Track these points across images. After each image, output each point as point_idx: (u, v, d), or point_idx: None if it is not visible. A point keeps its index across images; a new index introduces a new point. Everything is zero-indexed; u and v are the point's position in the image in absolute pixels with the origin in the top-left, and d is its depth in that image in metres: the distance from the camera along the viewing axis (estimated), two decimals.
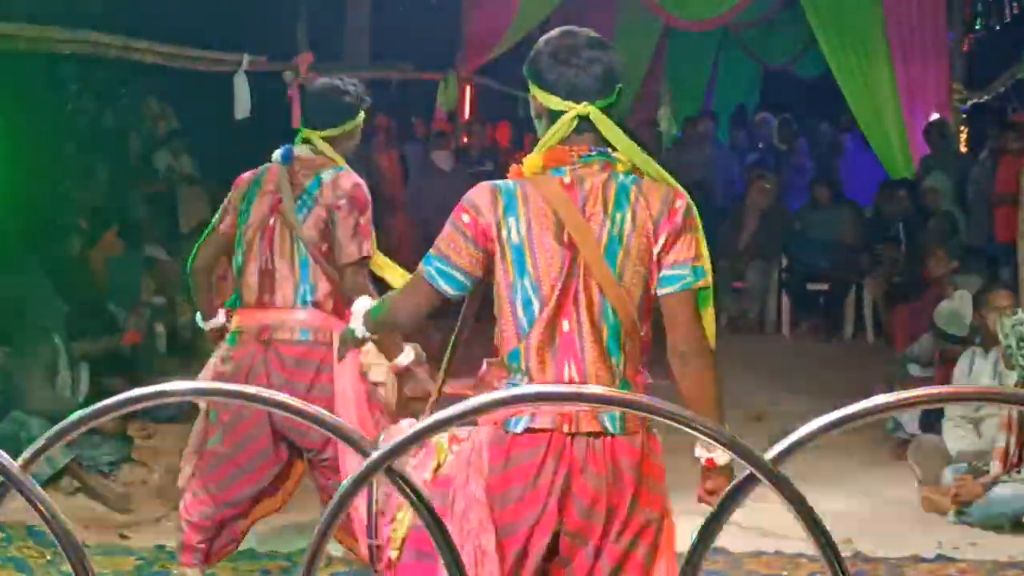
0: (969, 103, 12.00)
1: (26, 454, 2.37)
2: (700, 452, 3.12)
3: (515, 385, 3.05)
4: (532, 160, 3.10)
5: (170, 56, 8.79)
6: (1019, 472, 6.20)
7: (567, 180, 3.06)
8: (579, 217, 3.03)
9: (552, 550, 3.08)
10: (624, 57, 3.29)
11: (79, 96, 11.41)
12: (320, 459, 4.60)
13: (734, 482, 2.28)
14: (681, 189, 3.12)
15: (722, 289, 11.57)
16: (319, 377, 4.50)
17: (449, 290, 3.11)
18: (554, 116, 3.10)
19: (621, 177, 3.08)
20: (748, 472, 2.22)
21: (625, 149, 3.08)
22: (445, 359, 3.34)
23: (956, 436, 6.72)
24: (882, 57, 11.76)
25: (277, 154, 4.67)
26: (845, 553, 4.72)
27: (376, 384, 4.66)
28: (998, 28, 12.46)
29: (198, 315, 4.93)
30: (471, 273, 3.09)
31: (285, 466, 4.70)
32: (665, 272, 3.06)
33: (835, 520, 4.48)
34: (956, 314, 7.60)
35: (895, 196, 11.08)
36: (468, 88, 14.09)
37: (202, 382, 4.35)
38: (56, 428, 2.44)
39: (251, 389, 2.60)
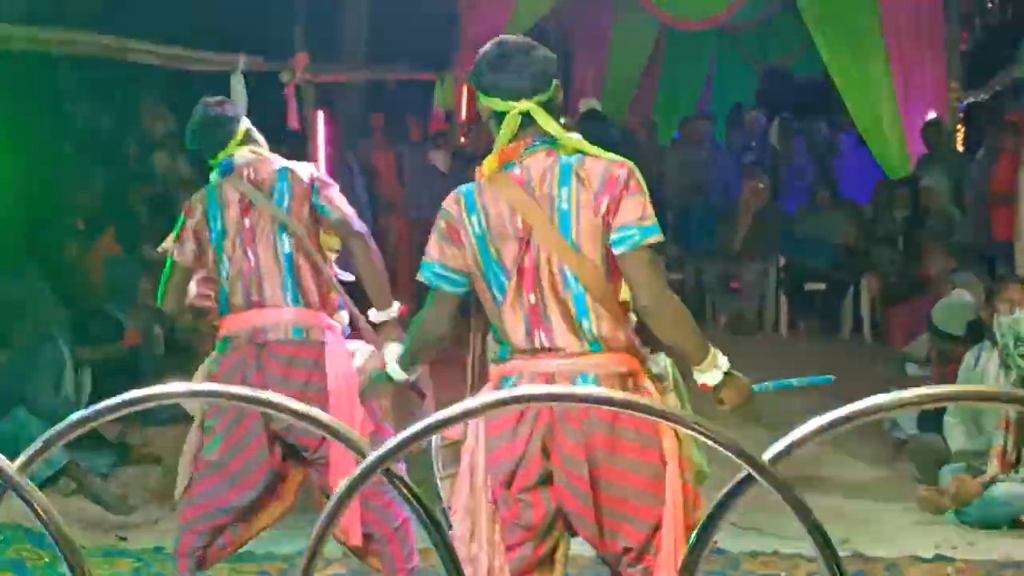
0: (966, 102, 12.00)
1: (23, 456, 2.37)
2: (697, 376, 3.49)
3: (504, 350, 3.46)
4: (489, 161, 3.47)
5: (167, 57, 8.78)
6: (1017, 472, 6.20)
7: (517, 172, 3.43)
8: (529, 201, 3.39)
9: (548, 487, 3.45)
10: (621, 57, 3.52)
11: (76, 97, 11.40)
12: (316, 457, 4.58)
13: (731, 483, 2.29)
14: (624, 160, 3.43)
15: (719, 289, 11.58)
16: (313, 375, 4.49)
17: (450, 288, 3.53)
18: (500, 117, 3.47)
19: (565, 159, 3.43)
20: (746, 472, 2.23)
21: (563, 137, 3.45)
22: (469, 367, 3.88)
23: (958, 434, 6.72)
24: (879, 57, 11.76)
25: (215, 175, 4.69)
26: (843, 553, 4.72)
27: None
28: (995, 27, 12.47)
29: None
30: (462, 270, 3.51)
31: (281, 472, 4.67)
32: (614, 236, 3.36)
33: (833, 520, 4.48)
34: (953, 313, 7.59)
35: (892, 195, 11.08)
36: (465, 88, 14.08)
37: (199, 384, 4.32)
38: (53, 430, 2.45)
39: (248, 391, 2.61)
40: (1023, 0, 11.19)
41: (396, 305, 4.68)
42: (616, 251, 3.37)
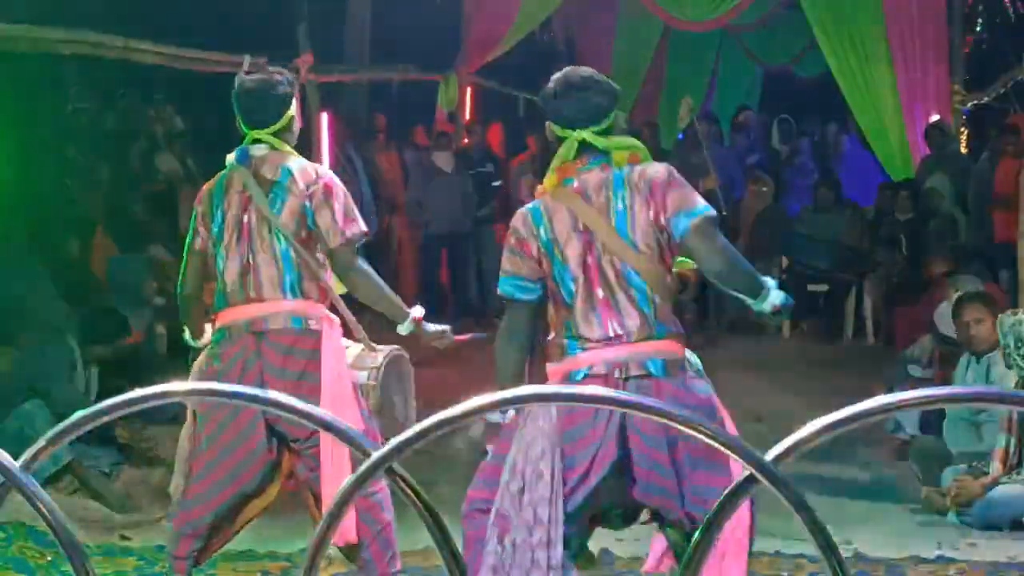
0: (969, 104, 12.00)
1: (27, 455, 2.37)
2: (757, 305, 3.88)
3: (574, 345, 3.83)
4: (549, 179, 3.94)
5: (171, 57, 8.79)
6: (1019, 473, 6.20)
7: (576, 185, 3.90)
8: (588, 208, 3.85)
9: (623, 476, 3.79)
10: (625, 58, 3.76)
11: (80, 97, 11.41)
12: (306, 448, 4.55)
13: (735, 483, 2.29)
14: (663, 164, 3.92)
15: (721, 291, 11.58)
16: (310, 365, 4.47)
17: (527, 297, 3.94)
18: (561, 141, 3.95)
19: (616, 171, 3.90)
20: (748, 472, 2.23)
21: (618, 153, 3.91)
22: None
23: (956, 437, 6.73)
24: (882, 58, 11.76)
25: (232, 157, 4.68)
26: (845, 553, 4.72)
27: (359, 387, 4.65)
28: (998, 29, 12.47)
29: (187, 333, 4.92)
30: (535, 278, 3.92)
31: (275, 463, 4.65)
32: (671, 227, 3.80)
33: (835, 520, 4.49)
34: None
35: (895, 197, 11.07)
36: (469, 89, 14.08)
37: (202, 383, 4.28)
38: (57, 428, 2.45)
39: (249, 390, 2.61)
40: None
41: (416, 308, 4.78)
42: (677, 240, 3.80)
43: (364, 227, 4.67)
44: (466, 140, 13.22)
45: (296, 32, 10.44)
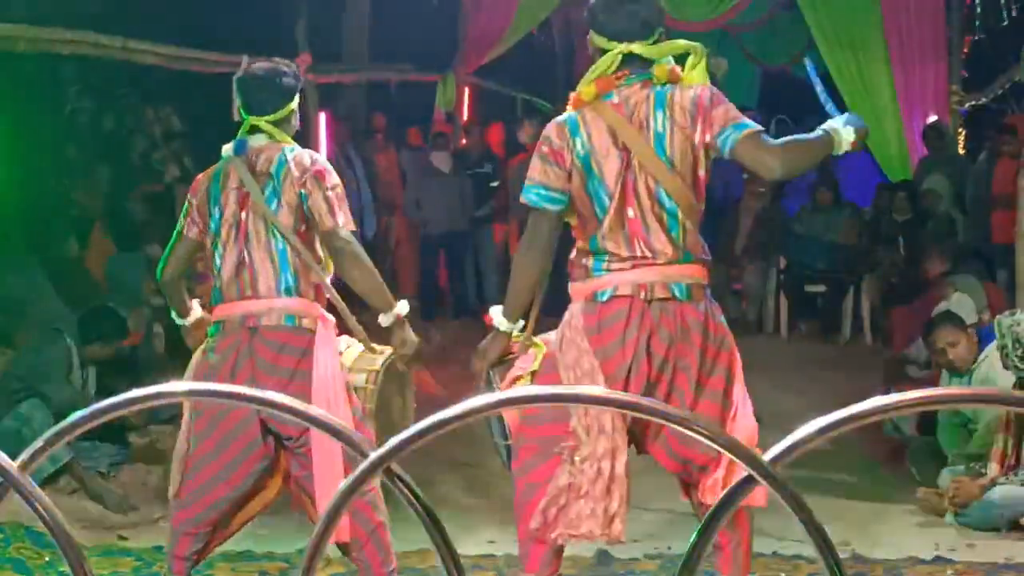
0: (967, 105, 12.01)
1: (25, 455, 2.37)
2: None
3: (599, 264, 3.84)
4: (587, 90, 3.89)
5: (170, 57, 8.79)
6: (1016, 474, 6.20)
7: (616, 100, 3.87)
8: (628, 125, 3.82)
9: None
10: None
11: (78, 97, 11.40)
12: (296, 447, 4.51)
13: (731, 485, 2.29)
14: (705, 84, 3.88)
15: (720, 291, 11.56)
16: (302, 363, 4.44)
17: (553, 207, 3.89)
18: (604, 53, 3.90)
19: (658, 88, 3.86)
20: (746, 473, 2.23)
21: (660, 71, 3.87)
22: (533, 310, 4.07)
23: (948, 440, 6.74)
24: (880, 59, 11.77)
25: (229, 148, 4.64)
26: (843, 554, 4.72)
27: (356, 389, 4.61)
28: (996, 30, 12.47)
29: (174, 314, 4.90)
30: (564, 189, 3.88)
31: (273, 460, 4.61)
32: (718, 138, 3.79)
33: (833, 521, 4.49)
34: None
35: (893, 198, 11.07)
36: (467, 89, 14.08)
37: (200, 383, 4.26)
38: (55, 429, 2.45)
39: (247, 390, 2.61)
40: None
41: (401, 303, 4.69)
42: (726, 151, 3.79)
43: (353, 224, 4.58)
44: (464, 140, 13.22)
45: (294, 32, 10.45)
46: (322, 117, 10.01)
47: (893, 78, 11.77)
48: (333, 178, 4.56)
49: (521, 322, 4.09)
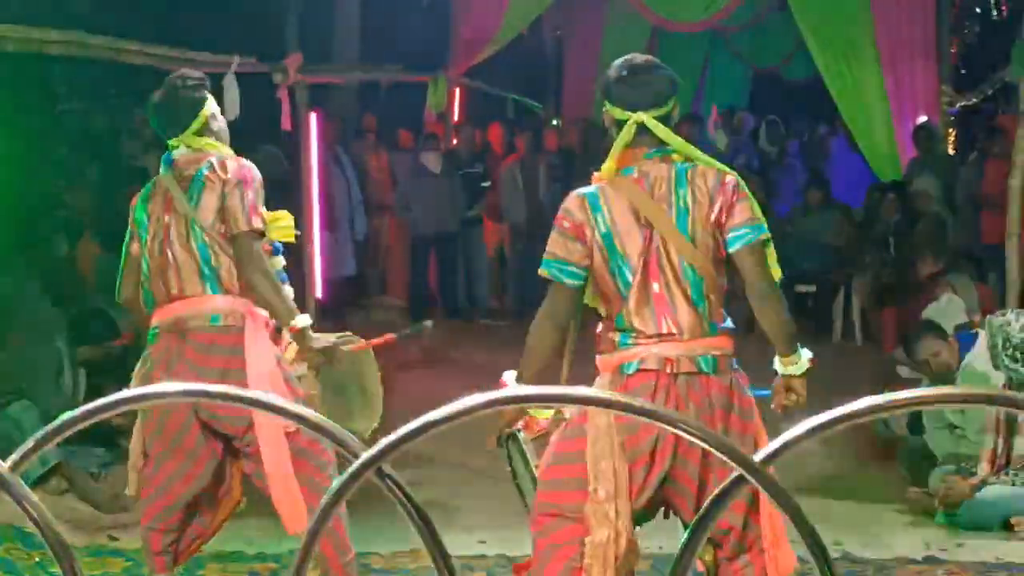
0: (957, 106, 12.03)
1: (15, 456, 2.36)
2: (781, 366, 4.01)
3: (626, 338, 3.85)
4: (607, 166, 3.92)
5: (159, 57, 8.77)
6: (1006, 473, 6.22)
7: (636, 176, 3.90)
8: (650, 201, 3.86)
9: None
10: (614, 59, 4.09)
11: (69, 98, 11.40)
12: (244, 446, 4.53)
13: (722, 484, 2.29)
14: (731, 170, 3.94)
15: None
16: (232, 362, 4.43)
17: (572, 282, 3.90)
18: (620, 125, 3.94)
19: (678, 166, 3.90)
20: (737, 473, 2.23)
21: (679, 147, 3.92)
22: (567, 352, 4.12)
23: (937, 441, 6.75)
24: (870, 60, 11.79)
25: (161, 164, 4.71)
26: (833, 554, 4.72)
27: (301, 378, 4.64)
28: (986, 31, 12.50)
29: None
30: (582, 264, 3.89)
31: (225, 460, 4.62)
32: (729, 235, 3.86)
33: (824, 521, 4.48)
34: (942, 316, 7.61)
35: (883, 198, 11.09)
36: (458, 90, 14.08)
37: (191, 384, 4.22)
38: (45, 430, 2.44)
39: (237, 390, 2.59)
40: (1014, 4, 11.20)
41: (302, 317, 4.58)
42: (732, 249, 3.87)
43: (263, 228, 4.57)
44: (455, 141, 13.23)
45: (285, 32, 10.43)
46: (312, 117, 9.98)
47: (883, 79, 11.78)
48: (256, 182, 4.58)
49: None
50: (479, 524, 6.08)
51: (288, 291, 4.66)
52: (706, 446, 2.28)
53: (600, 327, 3.98)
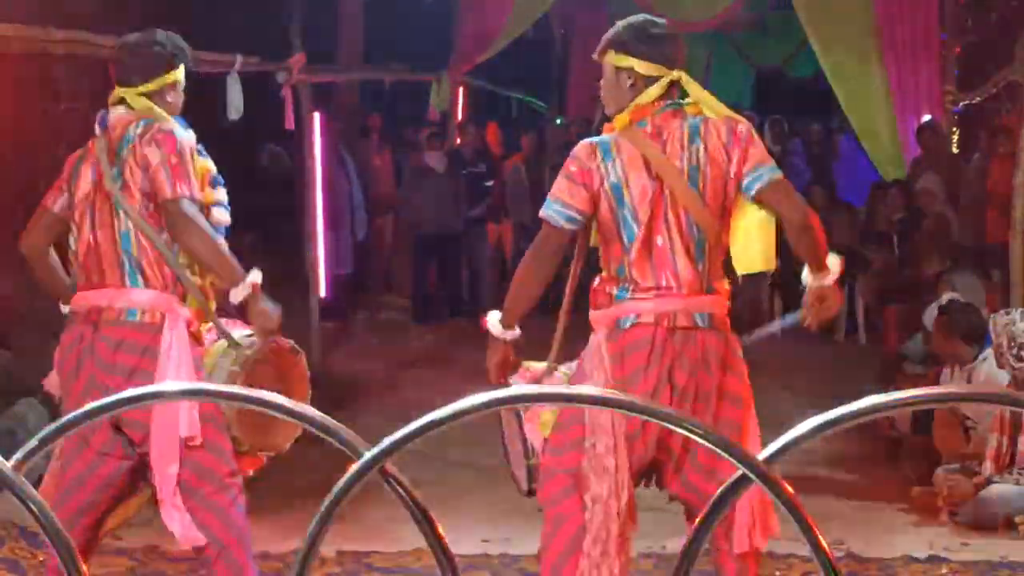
0: (961, 104, 12.01)
1: (19, 455, 2.37)
2: (813, 281, 4.10)
3: (624, 292, 3.84)
4: (621, 118, 3.90)
5: None
6: (1011, 472, 6.21)
7: (649, 129, 3.88)
8: (662, 156, 3.83)
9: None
10: None
11: (71, 97, 11.39)
12: (144, 452, 4.24)
13: (726, 483, 2.29)
14: (740, 117, 3.94)
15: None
16: (143, 362, 4.12)
17: (569, 226, 3.87)
18: (649, 81, 3.92)
19: (691, 119, 3.90)
20: (741, 473, 2.23)
21: (705, 100, 3.92)
22: (564, 306, 4.07)
23: (944, 438, 6.75)
24: (874, 58, 11.77)
25: (96, 124, 4.35)
26: (837, 553, 4.72)
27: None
28: (991, 29, 12.48)
29: (60, 303, 4.49)
30: (583, 211, 3.87)
31: (130, 463, 4.31)
32: (748, 178, 3.85)
33: (827, 520, 4.49)
34: None
35: (887, 197, 11.08)
36: (461, 89, 14.08)
37: (194, 383, 4.06)
38: (49, 428, 2.45)
39: (239, 390, 2.59)
40: (1018, 2, 11.18)
41: (253, 273, 4.22)
42: (755, 190, 3.85)
43: (199, 195, 4.20)
44: (458, 140, 13.23)
45: (289, 32, 10.43)
46: (316, 117, 9.99)
47: (887, 78, 11.76)
48: (184, 147, 4.20)
49: (517, 330, 4.04)
50: (482, 523, 6.08)
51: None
52: (709, 445, 2.28)
53: (596, 282, 3.97)
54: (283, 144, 12.54)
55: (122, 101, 4.33)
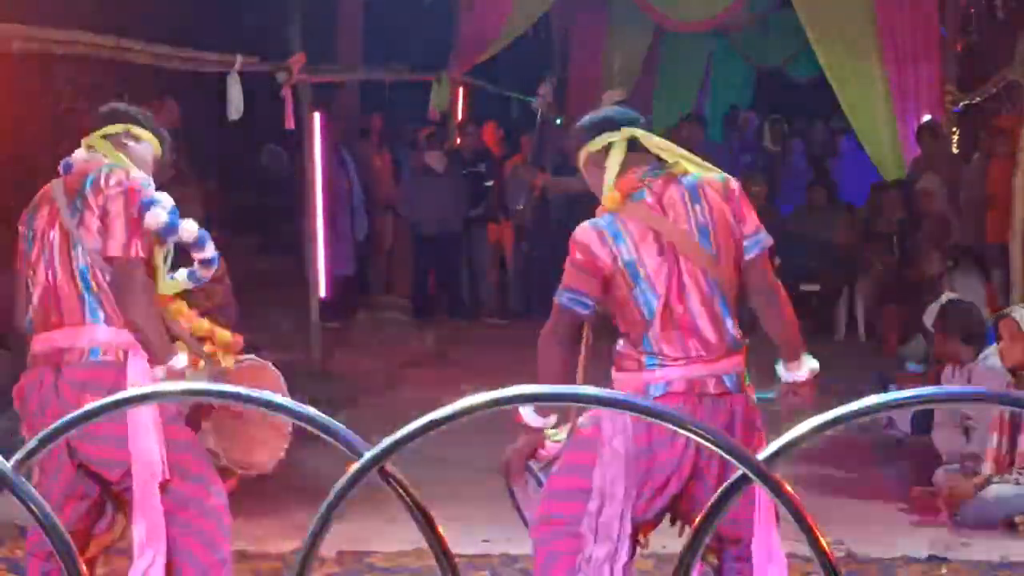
0: (961, 104, 12.01)
1: (19, 455, 2.37)
2: (785, 372, 4.04)
3: (652, 361, 3.83)
4: (611, 196, 3.87)
5: (164, 57, 8.77)
6: (1011, 473, 6.21)
7: (650, 200, 3.86)
8: (670, 224, 3.83)
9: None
10: (617, 58, 3.82)
11: (72, 97, 11.39)
12: (122, 490, 4.22)
13: (726, 484, 2.29)
14: (727, 175, 3.97)
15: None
16: None
17: (584, 312, 3.87)
18: (605, 152, 3.93)
19: (686, 181, 3.89)
20: (740, 473, 2.23)
21: (675, 156, 3.92)
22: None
23: (944, 439, 6.75)
24: (875, 58, 11.78)
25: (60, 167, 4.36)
26: (837, 554, 4.72)
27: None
28: (991, 30, 12.48)
29: None
30: (593, 295, 3.86)
31: (99, 500, 4.29)
32: (748, 242, 3.90)
33: (827, 520, 4.48)
34: None
35: (887, 197, 11.09)
36: (461, 89, 14.08)
37: (194, 383, 4.00)
38: (49, 429, 2.45)
39: (240, 390, 2.59)
40: (1019, 2, 11.18)
41: (178, 358, 4.17)
42: (749, 255, 3.91)
43: (143, 254, 4.12)
44: (458, 140, 13.23)
45: (288, 32, 10.44)
46: (316, 118, 9.99)
47: (887, 77, 11.78)
48: (142, 199, 4.15)
49: (553, 417, 4.02)
50: (482, 523, 6.07)
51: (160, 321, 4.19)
52: (712, 447, 2.28)
53: (619, 344, 3.94)
54: (283, 144, 12.54)
55: (90, 145, 4.33)
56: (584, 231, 3.88)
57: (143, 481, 4.10)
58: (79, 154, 4.32)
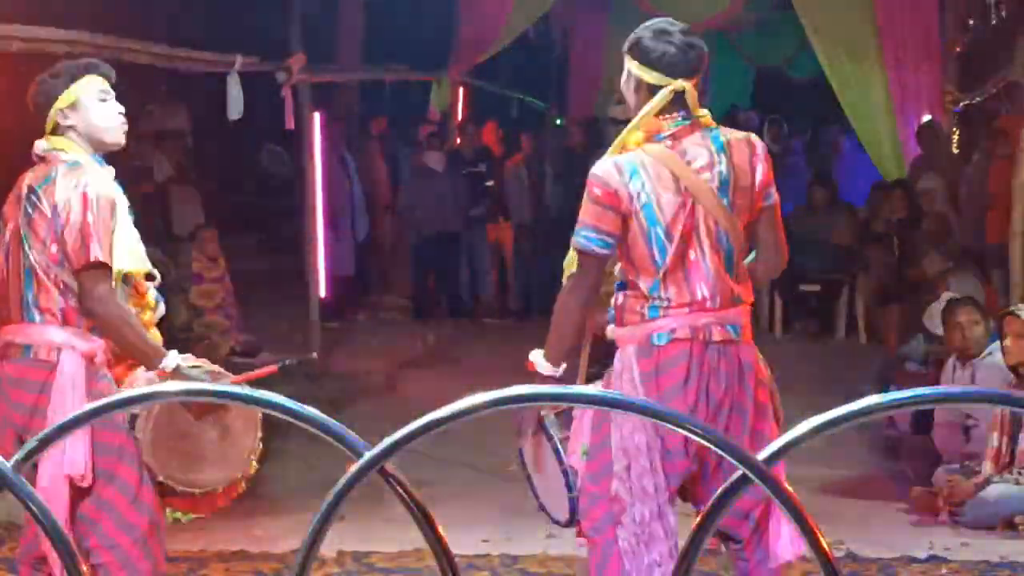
0: (961, 104, 12.01)
1: (19, 455, 2.37)
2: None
3: (655, 308, 3.79)
4: (637, 135, 3.81)
5: (164, 57, 8.78)
6: (1011, 472, 6.21)
7: (670, 144, 3.80)
8: (691, 171, 3.78)
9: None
10: (617, 58, 3.95)
11: None
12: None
13: (725, 484, 2.29)
14: (752, 134, 3.96)
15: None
16: (40, 399, 3.96)
17: (602, 251, 3.80)
18: (653, 90, 3.81)
19: (712, 133, 3.85)
20: (740, 473, 2.23)
21: (700, 114, 3.85)
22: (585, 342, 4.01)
23: (944, 438, 6.75)
24: (875, 59, 11.78)
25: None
26: (837, 554, 4.72)
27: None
28: (991, 30, 12.48)
29: None
30: (614, 233, 3.78)
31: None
32: (764, 192, 3.88)
33: (827, 520, 4.48)
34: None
35: (887, 197, 11.09)
36: (461, 89, 14.08)
37: (193, 383, 3.87)
38: (49, 430, 2.45)
39: (242, 390, 2.59)
40: (1018, 3, 11.18)
41: (169, 357, 4.10)
42: (764, 204, 3.89)
43: (104, 258, 4.01)
44: (458, 140, 13.24)
45: (288, 32, 10.44)
46: (316, 117, 9.99)
47: (887, 78, 11.77)
48: (100, 206, 4.07)
49: (563, 365, 3.96)
50: (482, 523, 6.08)
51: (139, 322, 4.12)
52: (710, 445, 2.28)
53: (620, 299, 3.88)
54: (283, 144, 12.54)
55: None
56: (603, 165, 3.81)
57: (52, 475, 3.90)
58: (40, 145, 4.26)
